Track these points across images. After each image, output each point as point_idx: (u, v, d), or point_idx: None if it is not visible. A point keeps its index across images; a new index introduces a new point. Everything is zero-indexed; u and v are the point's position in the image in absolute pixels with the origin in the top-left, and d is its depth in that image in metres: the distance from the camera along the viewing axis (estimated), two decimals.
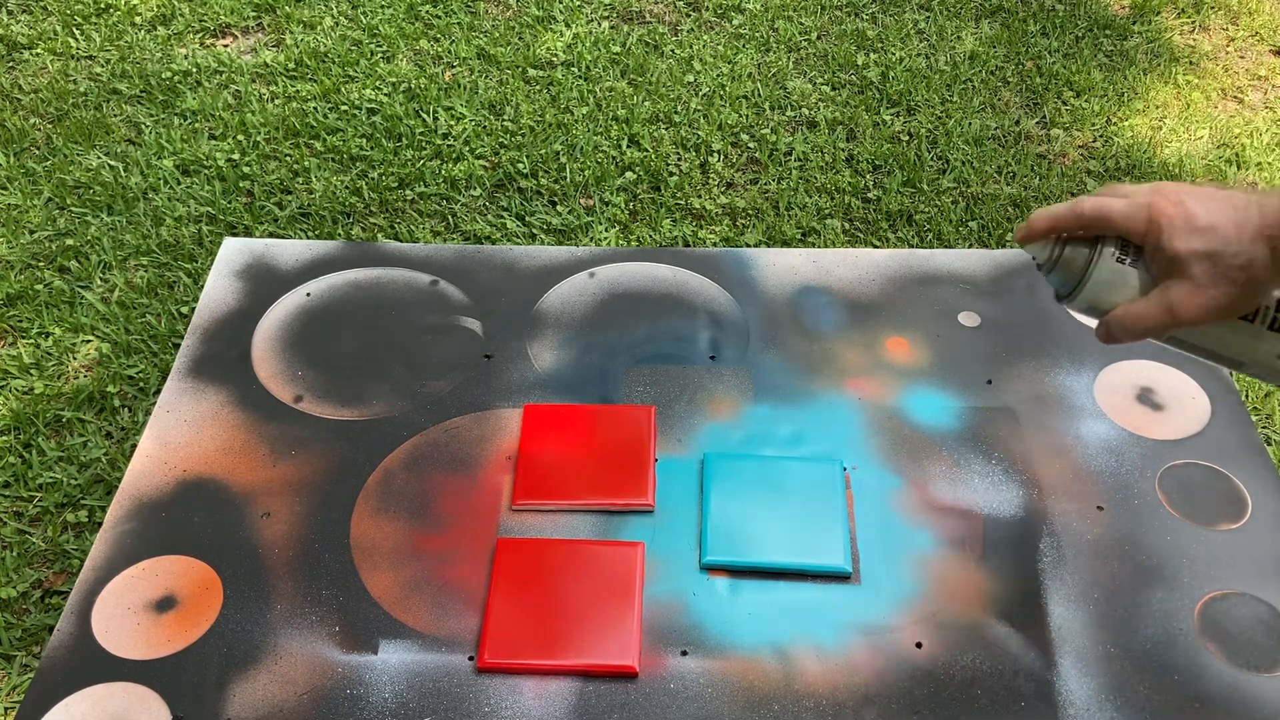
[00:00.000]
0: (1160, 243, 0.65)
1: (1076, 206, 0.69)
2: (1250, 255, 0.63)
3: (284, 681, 0.79)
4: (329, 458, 0.93)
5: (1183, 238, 0.64)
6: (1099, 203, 0.68)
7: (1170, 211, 0.65)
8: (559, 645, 0.80)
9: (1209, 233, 0.64)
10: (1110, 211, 0.67)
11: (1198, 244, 0.64)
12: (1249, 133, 2.20)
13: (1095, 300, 0.70)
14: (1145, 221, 0.66)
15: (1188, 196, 0.65)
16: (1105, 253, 0.69)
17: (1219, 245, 0.63)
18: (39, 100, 2.25)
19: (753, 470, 0.91)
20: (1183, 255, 0.64)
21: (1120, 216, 0.67)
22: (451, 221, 2.00)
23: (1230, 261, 0.63)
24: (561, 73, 2.32)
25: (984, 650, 0.81)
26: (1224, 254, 0.63)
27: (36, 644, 1.40)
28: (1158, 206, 0.65)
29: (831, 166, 2.11)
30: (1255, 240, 0.63)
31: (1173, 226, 0.65)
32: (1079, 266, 0.70)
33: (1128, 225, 0.67)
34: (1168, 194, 0.66)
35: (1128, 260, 0.68)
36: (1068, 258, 0.70)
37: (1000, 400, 0.97)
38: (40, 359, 1.73)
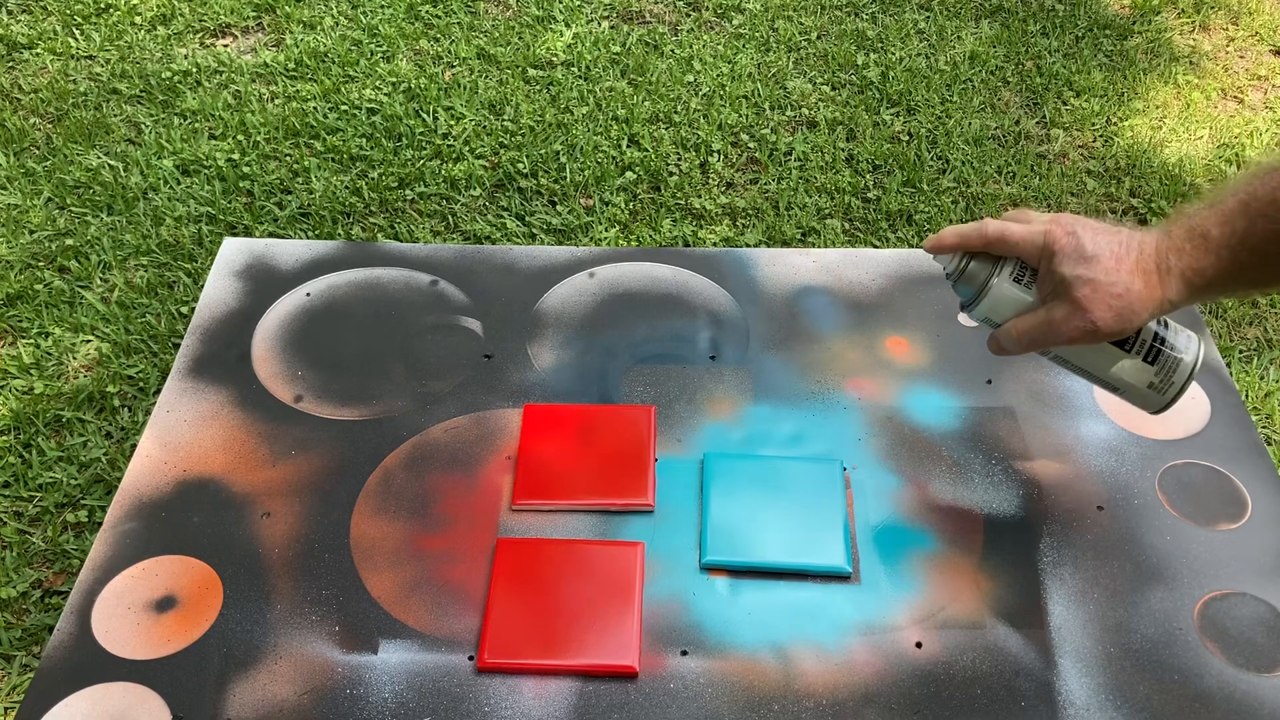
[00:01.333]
0: (1051, 266, 0.73)
1: (982, 227, 0.76)
2: (1127, 285, 0.70)
3: (284, 681, 0.79)
4: (329, 458, 0.93)
5: (1069, 264, 0.71)
6: (1001, 226, 0.75)
7: (1062, 239, 0.72)
8: (559, 645, 0.80)
9: (1092, 261, 0.71)
10: (1009, 234, 0.75)
11: (1082, 270, 0.71)
12: (1249, 133, 2.20)
13: (990, 313, 0.77)
14: (1040, 247, 0.73)
15: (1080, 228, 0.72)
16: (1004, 272, 0.76)
17: (1100, 275, 0.71)
18: (39, 100, 2.25)
19: (753, 470, 0.91)
20: (1068, 279, 0.72)
21: (1018, 239, 0.74)
22: (451, 221, 2.00)
23: (1109, 289, 0.70)
24: (561, 73, 2.32)
25: (984, 650, 0.81)
26: (1103, 282, 0.71)
27: (36, 644, 1.40)
28: (1052, 234, 0.73)
29: (831, 166, 2.12)
30: (1132, 273, 0.70)
31: (1063, 253, 0.72)
32: (979, 281, 0.77)
33: (1024, 248, 0.74)
34: (1064, 223, 0.73)
35: (1023, 281, 0.76)
36: (971, 272, 0.77)
37: (1000, 400, 0.97)
38: (40, 359, 1.73)
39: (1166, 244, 0.70)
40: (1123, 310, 0.71)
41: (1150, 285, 0.70)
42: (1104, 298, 0.71)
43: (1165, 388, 0.77)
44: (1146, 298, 0.71)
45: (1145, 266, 0.70)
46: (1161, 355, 0.76)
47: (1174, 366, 0.76)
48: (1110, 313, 0.71)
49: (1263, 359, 1.78)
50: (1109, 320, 0.71)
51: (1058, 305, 0.73)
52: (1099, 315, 0.71)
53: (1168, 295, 0.71)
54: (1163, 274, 0.70)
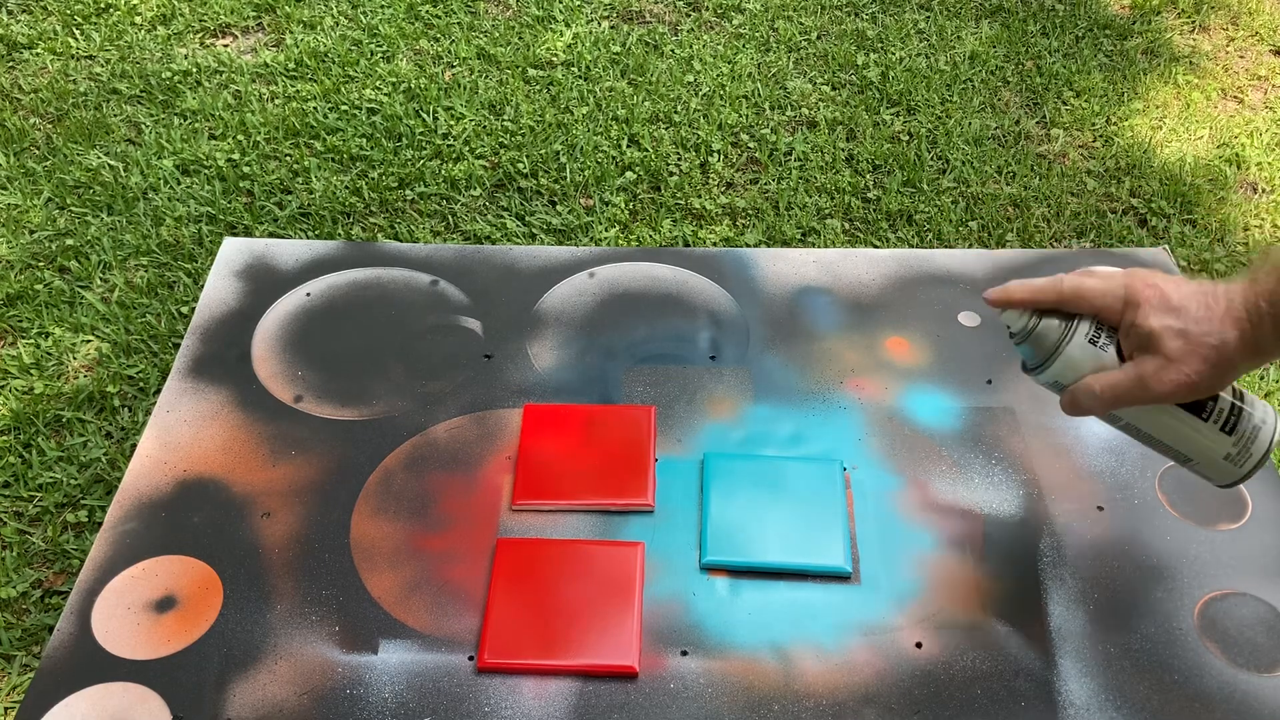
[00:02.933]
0: (1135, 319, 0.68)
1: (1056, 284, 0.72)
2: (1222, 335, 0.66)
3: (284, 681, 0.79)
4: (329, 458, 0.93)
5: (1156, 315, 0.67)
6: (1077, 281, 0.71)
7: (1145, 291, 0.68)
8: (559, 645, 0.80)
9: (1181, 311, 0.67)
10: (1087, 290, 0.70)
11: (1171, 321, 0.67)
12: (1249, 133, 2.20)
13: (1062, 376, 0.72)
14: (1121, 300, 0.69)
15: (1160, 279, 0.68)
16: (1079, 330, 0.71)
17: (1192, 325, 0.66)
18: (39, 100, 2.25)
19: (753, 470, 0.91)
20: (1157, 330, 0.67)
21: (1096, 294, 0.70)
22: (451, 221, 2.00)
23: (1202, 339, 0.66)
24: (561, 73, 2.32)
25: (984, 650, 0.81)
26: (1195, 332, 0.66)
27: (36, 644, 1.40)
28: (1132, 286, 0.69)
29: (831, 166, 2.12)
30: (1225, 322, 0.66)
31: (1148, 304, 0.68)
32: (1052, 341, 0.72)
33: (1103, 302, 0.70)
34: (1142, 275, 0.69)
35: (1100, 341, 0.71)
36: (1042, 331, 0.72)
37: (1000, 400, 0.97)
38: (40, 359, 1.73)
39: (1255, 290, 0.66)
40: (1218, 362, 0.66)
41: (1244, 335, 0.66)
42: (1198, 349, 0.66)
43: (1242, 459, 0.72)
44: (1241, 349, 0.66)
45: (1237, 315, 0.66)
46: (1239, 425, 0.71)
47: (1253, 437, 0.71)
48: (1206, 365, 0.66)
49: None
50: (1205, 373, 0.66)
51: (1147, 360, 0.68)
52: (1194, 368, 0.66)
53: (1263, 345, 0.66)
54: (1255, 323, 0.65)
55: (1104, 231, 1.99)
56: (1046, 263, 1.10)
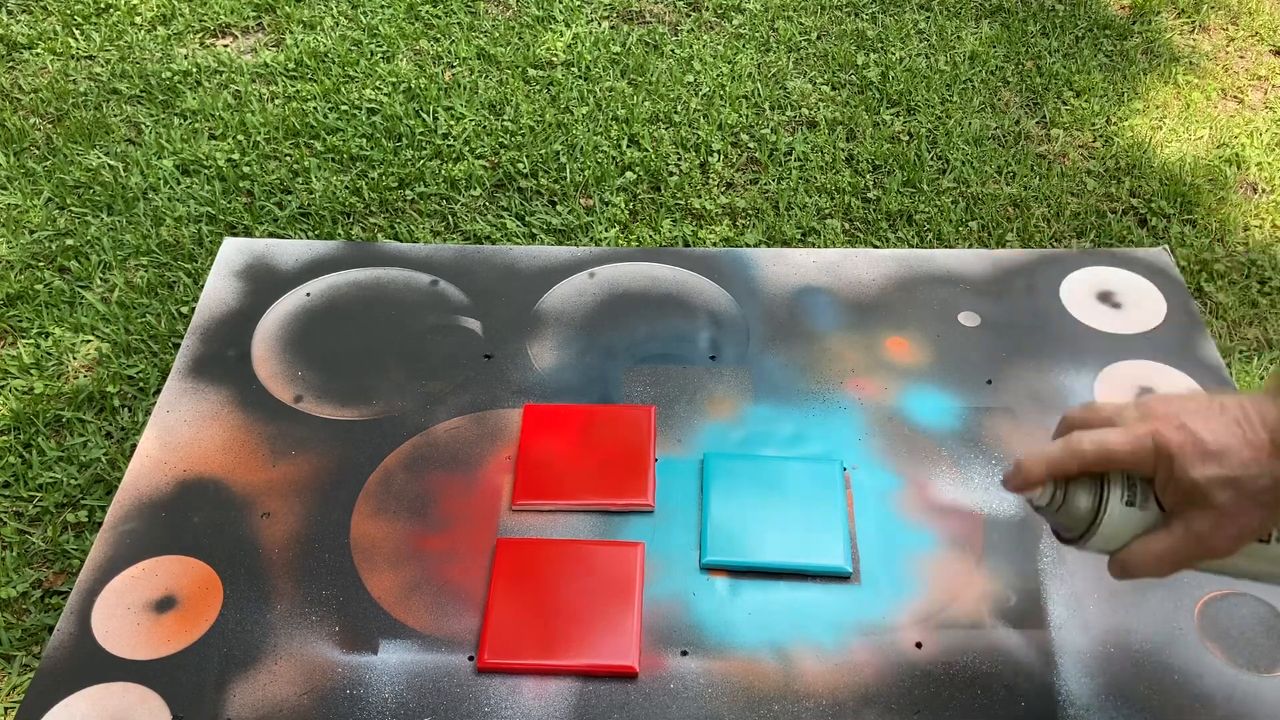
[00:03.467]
0: (1174, 473, 0.61)
1: (1074, 447, 0.64)
2: (1273, 475, 0.59)
3: (284, 681, 0.79)
4: (329, 458, 0.93)
5: (1198, 466, 0.60)
6: (1098, 440, 0.63)
7: (1177, 439, 0.61)
8: (559, 645, 0.80)
9: (1224, 457, 0.60)
10: (1113, 449, 0.63)
11: (1215, 470, 0.60)
12: (1249, 133, 2.20)
13: (1106, 545, 0.66)
14: (1152, 454, 0.61)
15: (1188, 417, 0.61)
16: (1113, 495, 0.64)
17: (1239, 470, 0.59)
18: (39, 100, 2.25)
19: (753, 470, 0.91)
20: (1202, 484, 0.60)
21: (1125, 453, 0.62)
22: (451, 221, 2.00)
23: (1255, 484, 0.59)
24: (561, 73, 2.32)
25: (984, 650, 0.80)
26: (1245, 478, 0.59)
27: (36, 644, 1.40)
28: (1162, 435, 0.61)
29: (831, 166, 2.11)
30: (1274, 458, 0.59)
31: (1184, 454, 0.60)
32: (1085, 511, 0.65)
33: (1134, 460, 0.62)
34: (1166, 419, 0.62)
35: (1137, 499, 0.64)
36: (1071, 500, 0.65)
37: (1000, 400, 0.97)
38: (40, 359, 1.73)
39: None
40: (1275, 503, 0.60)
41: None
42: (1253, 494, 0.59)
43: None
44: None
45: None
46: None
47: None
48: (1263, 510, 0.60)
49: (1263, 359, 1.78)
50: (1265, 517, 0.60)
51: (1198, 517, 0.61)
52: (1252, 518, 0.60)
53: None
54: None
55: (1104, 231, 1.99)
56: (1047, 262, 1.10)
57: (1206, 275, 1.91)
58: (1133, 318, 1.05)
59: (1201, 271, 1.91)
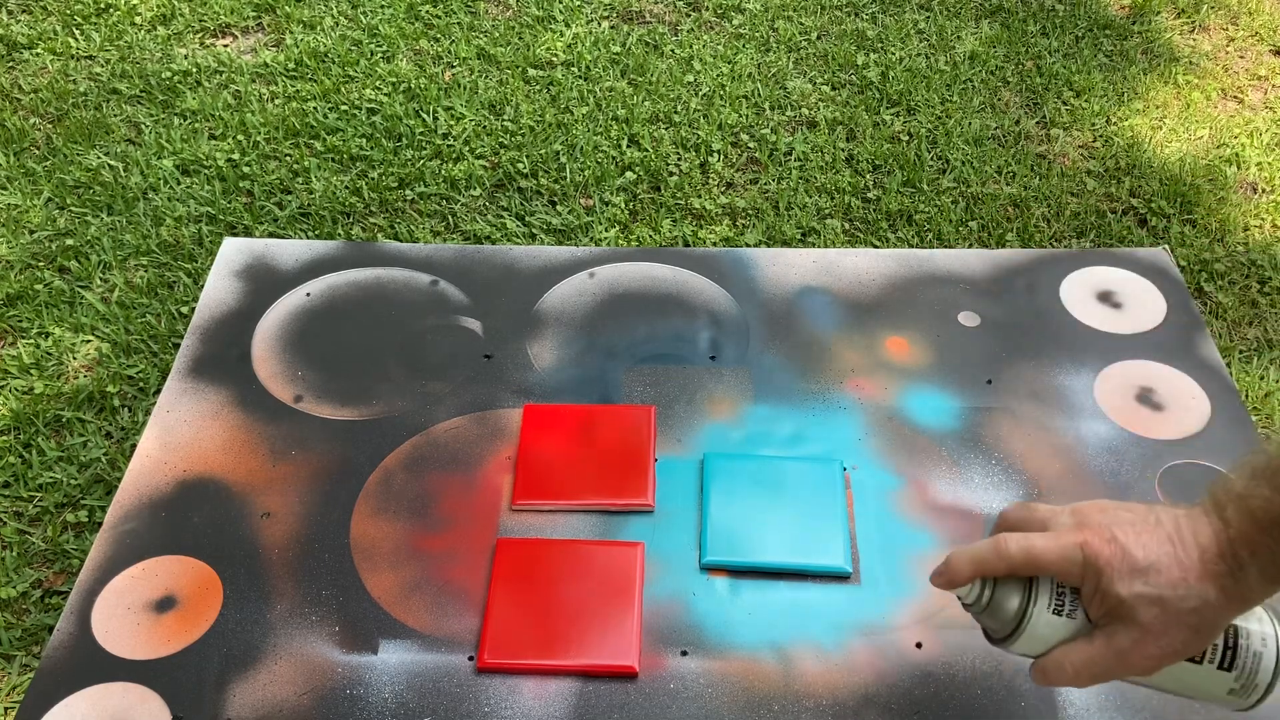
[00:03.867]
0: (1100, 586, 0.60)
1: (1001, 549, 0.63)
2: (1201, 597, 0.58)
3: (284, 681, 0.79)
4: (329, 458, 0.93)
5: (1125, 582, 0.59)
6: (1025, 545, 0.62)
7: (1106, 552, 0.60)
8: (559, 645, 0.80)
9: (1152, 574, 0.59)
10: (1037, 554, 0.62)
11: (1141, 588, 0.59)
12: (1249, 133, 2.20)
13: (1030, 649, 0.65)
14: (1080, 565, 0.61)
15: (1119, 529, 0.60)
16: (1040, 601, 0.63)
17: (1167, 590, 0.58)
18: (39, 100, 2.25)
19: (753, 470, 0.91)
20: (1128, 601, 0.59)
21: (1050, 560, 0.62)
22: (451, 221, 2.00)
23: (1180, 605, 0.58)
24: (561, 73, 2.32)
25: (984, 650, 0.80)
26: (1172, 598, 0.58)
27: (36, 644, 1.40)
28: (1091, 548, 0.60)
29: (831, 166, 2.11)
30: (1203, 580, 0.58)
31: (1112, 568, 0.59)
32: (1012, 614, 0.64)
33: (1058, 569, 0.62)
34: (1097, 529, 0.61)
35: (1065, 608, 0.63)
36: (998, 602, 0.65)
37: (1000, 400, 0.97)
38: (40, 359, 1.73)
39: (1229, 535, 0.58)
40: (1201, 626, 0.59)
41: (1227, 591, 0.58)
42: (1179, 615, 0.58)
43: (1248, 691, 0.64)
44: (1225, 605, 0.59)
45: (1215, 569, 0.58)
46: (1238, 658, 0.63)
47: (1255, 667, 0.63)
48: (1189, 632, 0.59)
49: (1263, 359, 1.78)
50: (1189, 639, 0.59)
51: (1121, 632, 0.60)
52: (1175, 638, 0.59)
53: (1248, 597, 0.59)
54: (1237, 574, 0.58)
55: (1104, 231, 1.99)
56: (1047, 262, 1.10)
57: (1206, 275, 1.91)
58: (1133, 318, 1.05)
59: (1201, 271, 1.91)
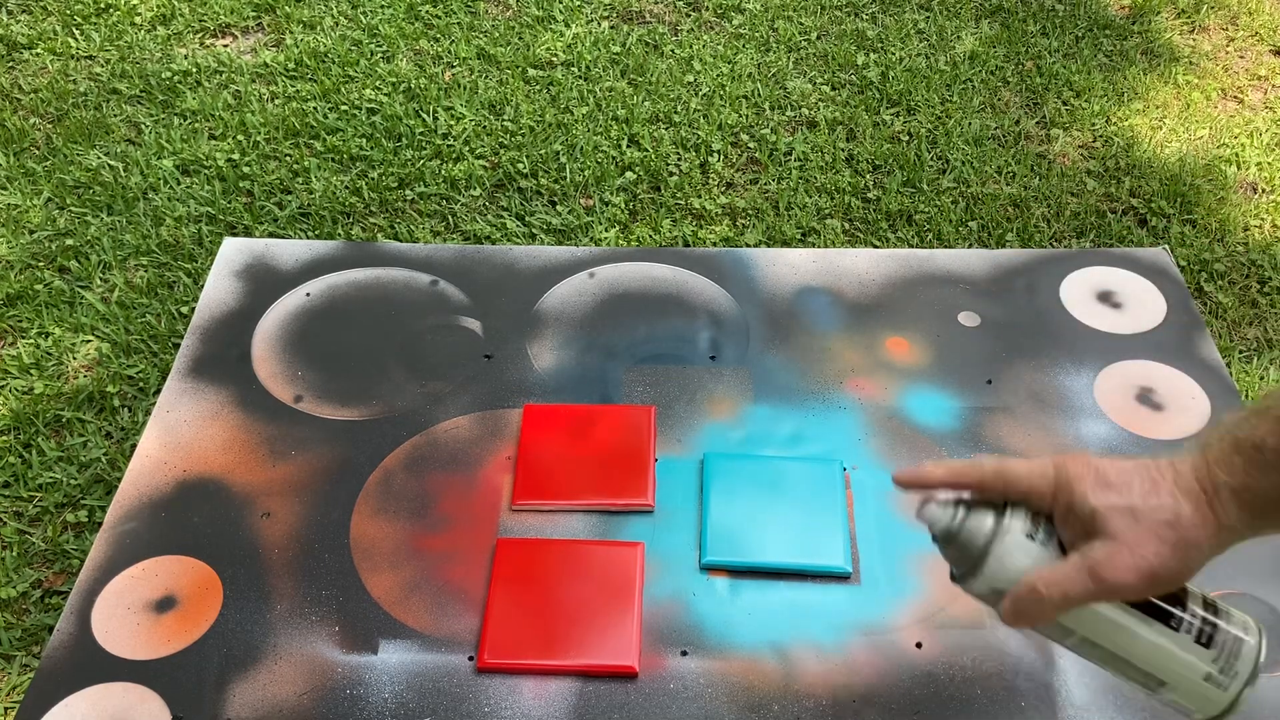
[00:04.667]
0: (1073, 501, 0.58)
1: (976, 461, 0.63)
2: (1174, 509, 0.56)
3: (284, 681, 0.79)
4: (329, 458, 0.93)
5: (1097, 493, 0.58)
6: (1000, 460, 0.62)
7: (1078, 469, 0.59)
8: (559, 645, 0.80)
9: (1123, 487, 0.57)
10: (1012, 468, 0.61)
11: (1114, 498, 0.57)
12: (1249, 133, 2.20)
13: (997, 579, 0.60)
14: (1051, 480, 0.59)
15: (1095, 458, 0.60)
16: (1014, 524, 0.60)
17: (1138, 500, 0.57)
18: (39, 100, 2.25)
19: (753, 470, 0.91)
20: (1101, 510, 0.57)
21: (1024, 475, 0.60)
22: (451, 221, 2.00)
23: (1154, 515, 0.56)
24: (561, 73, 2.32)
25: (984, 650, 0.80)
26: (1144, 507, 0.57)
27: (36, 644, 1.40)
28: (1064, 465, 0.59)
29: (831, 166, 2.11)
30: (1176, 495, 0.57)
31: (1083, 481, 0.58)
32: (983, 538, 0.60)
33: (1030, 483, 0.60)
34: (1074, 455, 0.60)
35: (1038, 535, 0.60)
36: (970, 526, 0.61)
37: (1000, 400, 0.97)
38: (40, 359, 1.73)
39: (1207, 459, 0.57)
40: (1178, 542, 0.56)
41: (1201, 509, 0.56)
42: (1151, 527, 0.56)
43: (1227, 678, 0.59)
44: (1201, 524, 0.56)
45: (1187, 487, 0.57)
46: (1218, 635, 0.59)
47: (1235, 650, 0.59)
48: (1165, 545, 0.56)
49: (1263, 359, 1.78)
50: (1164, 554, 0.56)
51: (1095, 546, 0.57)
52: (1151, 549, 0.56)
53: (1225, 521, 0.56)
54: (1211, 496, 0.56)
55: (1104, 231, 1.99)
56: (1047, 262, 1.10)
57: (1206, 275, 1.91)
58: (1133, 318, 1.05)
59: (1201, 271, 1.91)
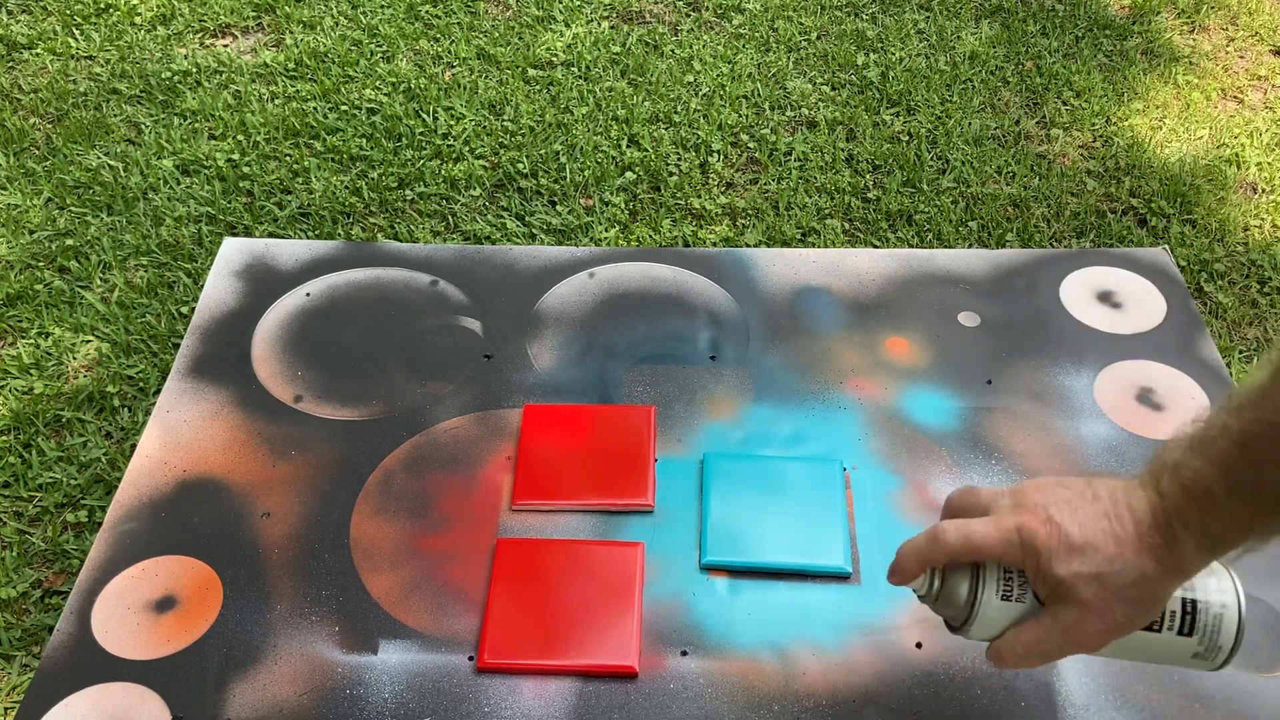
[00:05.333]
0: (1040, 568, 0.61)
1: (939, 538, 0.64)
2: (1138, 570, 0.59)
3: (284, 681, 0.79)
4: (329, 458, 0.93)
5: (1062, 561, 0.60)
6: (963, 532, 0.63)
7: (1042, 533, 0.60)
8: (559, 645, 0.80)
9: (1089, 551, 0.59)
10: (975, 540, 0.63)
11: (1079, 566, 0.59)
12: (1249, 133, 2.20)
13: (984, 635, 0.66)
14: (1019, 548, 0.62)
15: (1054, 510, 0.61)
16: (988, 587, 0.64)
17: (1104, 566, 0.59)
18: (39, 100, 2.25)
19: (753, 470, 0.91)
20: (1067, 580, 0.60)
21: (989, 545, 0.63)
22: (451, 221, 2.00)
23: (1118, 580, 0.59)
24: (561, 73, 2.32)
25: (984, 650, 0.80)
26: (1110, 574, 0.59)
27: (36, 644, 1.40)
28: (1028, 529, 0.61)
29: (831, 166, 2.11)
30: (1139, 554, 0.59)
31: (1049, 550, 0.60)
32: (962, 602, 0.66)
33: (999, 553, 0.63)
34: (1033, 510, 0.62)
35: (1014, 593, 0.64)
36: (948, 592, 0.66)
37: (1000, 400, 0.97)
38: (40, 359, 1.73)
39: (1163, 506, 0.59)
40: (1141, 599, 0.60)
41: (1163, 563, 0.59)
42: (1116, 591, 0.59)
43: (1211, 654, 0.65)
44: (1162, 578, 0.60)
45: (1150, 542, 0.59)
46: (1197, 622, 0.64)
47: (1215, 628, 0.64)
48: (1130, 605, 0.60)
49: (1262, 359, 1.78)
50: (1131, 613, 0.60)
51: (1064, 610, 0.61)
52: (1119, 613, 0.60)
53: (1185, 568, 0.60)
54: (1172, 545, 0.59)
55: (1104, 231, 1.99)
56: (1047, 262, 1.10)
57: (1206, 275, 1.91)
58: (1133, 318, 1.05)
59: (1201, 271, 1.91)
